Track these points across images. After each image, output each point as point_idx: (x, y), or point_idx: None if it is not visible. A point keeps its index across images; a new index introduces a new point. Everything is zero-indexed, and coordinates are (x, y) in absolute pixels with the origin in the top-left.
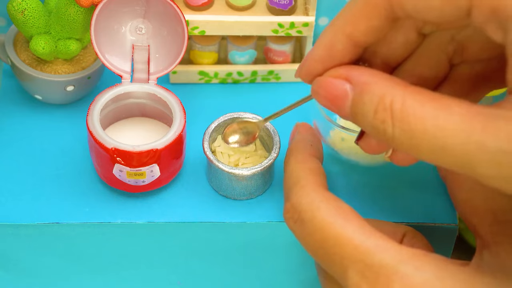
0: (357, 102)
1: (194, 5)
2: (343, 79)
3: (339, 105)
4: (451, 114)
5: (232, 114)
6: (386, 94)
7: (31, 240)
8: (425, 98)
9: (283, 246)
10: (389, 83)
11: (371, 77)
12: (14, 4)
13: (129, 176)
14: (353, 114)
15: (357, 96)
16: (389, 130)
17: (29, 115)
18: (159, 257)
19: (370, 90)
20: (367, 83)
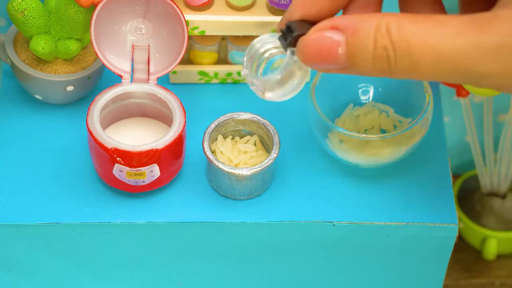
0: (353, 42)
1: (194, 5)
2: (329, 29)
3: (332, 57)
4: (445, 26)
5: (232, 114)
6: (380, 22)
7: (31, 240)
8: (418, 18)
9: (283, 246)
10: (378, 14)
11: (358, 16)
12: (14, 4)
13: (129, 176)
14: (350, 56)
15: (350, 37)
16: (391, 54)
17: (29, 115)
18: (159, 257)
19: (364, 25)
20: (357, 21)
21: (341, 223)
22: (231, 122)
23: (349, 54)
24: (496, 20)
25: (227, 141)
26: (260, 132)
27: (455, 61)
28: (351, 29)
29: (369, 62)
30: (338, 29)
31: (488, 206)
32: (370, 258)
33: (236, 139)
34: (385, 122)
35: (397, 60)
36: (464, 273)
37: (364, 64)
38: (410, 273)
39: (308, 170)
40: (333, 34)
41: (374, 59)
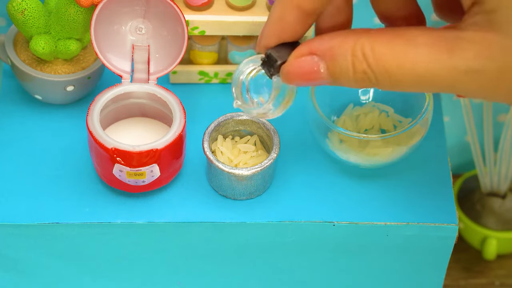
0: (333, 68)
1: (194, 5)
2: (307, 55)
3: (316, 77)
4: (417, 46)
5: (232, 114)
6: (354, 47)
7: (31, 240)
8: (389, 37)
9: (283, 246)
10: (351, 37)
11: (333, 41)
12: (14, 4)
13: (129, 176)
14: (333, 77)
15: (330, 63)
16: (372, 76)
17: (29, 115)
18: (159, 257)
19: (340, 52)
20: (332, 48)
21: (341, 223)
22: (231, 122)
23: (332, 75)
24: (464, 42)
25: (227, 141)
26: (260, 132)
27: (434, 81)
28: (328, 55)
29: (352, 83)
30: (316, 54)
31: (488, 206)
32: (370, 258)
33: (236, 139)
34: (385, 122)
35: (379, 80)
36: (464, 273)
37: (347, 84)
38: (410, 273)
39: (308, 170)
40: (312, 58)
41: (356, 81)
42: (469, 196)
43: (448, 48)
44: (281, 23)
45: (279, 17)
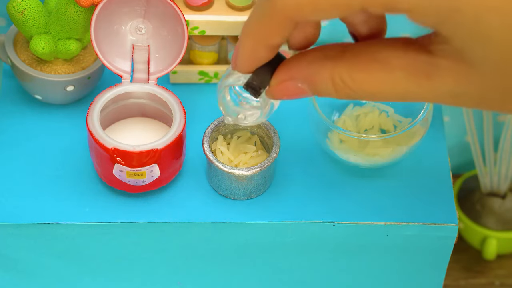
0: (316, 91)
1: (194, 5)
2: (288, 80)
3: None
4: (394, 72)
5: None
6: (333, 76)
7: (31, 240)
8: (365, 63)
9: (283, 246)
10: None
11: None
12: (14, 4)
13: (129, 176)
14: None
15: (312, 87)
16: (356, 96)
17: (29, 115)
18: (159, 257)
19: (319, 79)
20: (311, 75)
21: (341, 223)
22: None
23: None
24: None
25: (227, 141)
26: (260, 132)
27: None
28: (309, 81)
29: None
30: (297, 80)
31: (488, 206)
32: (370, 258)
33: (236, 139)
34: (385, 122)
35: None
36: (464, 273)
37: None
38: (410, 273)
39: (308, 170)
40: (294, 83)
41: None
42: (469, 196)
43: (426, 73)
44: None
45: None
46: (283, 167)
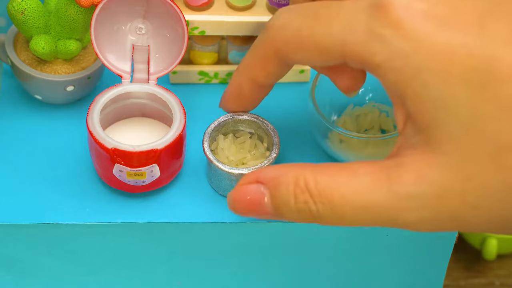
0: (275, 196)
1: (194, 5)
2: (254, 183)
3: (260, 207)
4: (359, 176)
5: (232, 114)
6: (298, 178)
7: (31, 240)
8: (332, 170)
9: (283, 246)
10: (297, 169)
11: (279, 170)
12: (14, 4)
13: (129, 176)
14: (275, 208)
15: (273, 191)
16: (313, 208)
17: (29, 115)
18: (159, 257)
19: (283, 180)
20: (277, 177)
21: None
22: (231, 122)
23: (273, 205)
24: (402, 169)
25: (227, 141)
26: (260, 132)
27: (376, 211)
28: (272, 183)
29: (294, 214)
30: (262, 183)
31: None
32: (370, 258)
33: (236, 139)
34: (385, 122)
35: (320, 212)
36: (464, 273)
37: (290, 215)
38: (410, 273)
39: None
40: (257, 187)
41: (298, 211)
42: None
43: (388, 175)
44: (239, 91)
45: (237, 86)
46: None
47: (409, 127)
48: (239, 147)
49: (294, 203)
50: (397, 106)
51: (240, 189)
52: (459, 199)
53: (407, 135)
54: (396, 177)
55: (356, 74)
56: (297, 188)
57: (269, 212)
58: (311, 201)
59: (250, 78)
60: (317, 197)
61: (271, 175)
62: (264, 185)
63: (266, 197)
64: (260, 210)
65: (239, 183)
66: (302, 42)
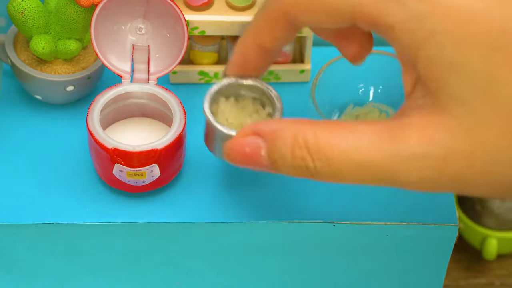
0: (273, 150)
1: (194, 5)
2: (251, 135)
3: (256, 160)
4: (360, 134)
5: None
6: (297, 133)
7: (31, 240)
8: (333, 127)
9: (283, 246)
10: (296, 124)
11: (278, 124)
12: (14, 4)
13: (129, 176)
14: (272, 162)
15: (270, 145)
16: (311, 165)
17: (29, 115)
18: (159, 257)
19: (282, 135)
20: (276, 130)
21: (341, 223)
22: (234, 85)
23: (270, 159)
24: (408, 129)
25: (229, 104)
26: (263, 98)
27: (375, 170)
28: (270, 137)
29: (290, 169)
30: (260, 135)
31: (488, 206)
32: (370, 258)
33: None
34: None
35: (318, 169)
36: (464, 273)
37: (286, 170)
38: (410, 273)
39: None
40: (255, 139)
41: (294, 167)
42: (469, 196)
43: (392, 135)
44: (244, 57)
45: (243, 52)
46: None
47: (418, 90)
48: (240, 110)
49: (291, 158)
50: (407, 69)
51: (237, 140)
52: (466, 163)
53: (415, 97)
54: (400, 137)
55: (363, 41)
56: (295, 143)
57: (265, 165)
58: (308, 158)
59: (257, 43)
60: (315, 153)
61: (270, 128)
62: (262, 138)
63: (263, 150)
64: (256, 162)
65: (237, 135)
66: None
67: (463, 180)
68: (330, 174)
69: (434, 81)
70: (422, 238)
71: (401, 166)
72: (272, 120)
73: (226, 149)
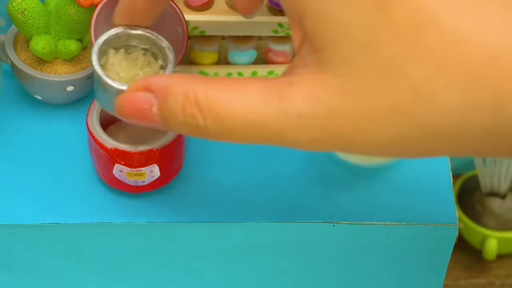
0: (163, 107)
1: (194, 5)
2: (142, 90)
3: (147, 116)
4: (250, 93)
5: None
6: (188, 90)
7: (31, 240)
8: (224, 84)
9: (283, 246)
10: (188, 80)
11: (169, 80)
12: (14, 4)
13: (129, 176)
14: (163, 119)
15: (161, 101)
16: (201, 123)
17: (29, 115)
18: (159, 257)
19: (172, 91)
20: (167, 86)
21: (341, 223)
22: (123, 36)
23: (161, 115)
24: (294, 88)
25: (118, 56)
26: (154, 49)
27: (265, 129)
28: (162, 93)
29: (181, 127)
30: (151, 91)
31: (488, 206)
32: (370, 258)
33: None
34: None
35: (208, 127)
36: (464, 273)
37: (177, 127)
38: (410, 273)
39: (307, 170)
40: (146, 95)
41: (185, 124)
42: (469, 196)
43: (279, 93)
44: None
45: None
46: (282, 167)
47: (305, 47)
48: (131, 63)
49: (182, 115)
50: (294, 25)
51: (128, 95)
52: (346, 121)
53: (302, 54)
54: (287, 96)
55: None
56: (186, 100)
57: (157, 122)
58: (199, 116)
59: None
60: (206, 111)
61: (161, 83)
62: (154, 93)
63: (155, 106)
64: (148, 119)
65: (128, 89)
66: None
67: (346, 139)
68: (220, 132)
69: (320, 38)
70: (422, 238)
71: (290, 124)
72: (163, 75)
73: (117, 105)
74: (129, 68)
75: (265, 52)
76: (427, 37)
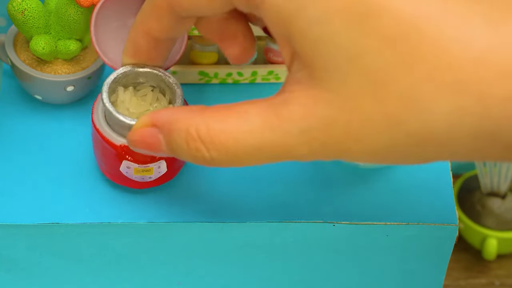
0: (170, 142)
1: None
2: (150, 126)
3: (157, 148)
4: (250, 118)
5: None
6: (189, 126)
7: (31, 240)
8: (223, 114)
9: (283, 246)
10: (190, 115)
11: (173, 115)
12: (14, 4)
13: (137, 172)
14: (172, 151)
15: (167, 137)
16: (206, 155)
17: (29, 115)
18: (159, 257)
19: (175, 128)
20: (170, 122)
21: (341, 223)
22: (131, 74)
23: (170, 150)
24: (290, 105)
25: (128, 93)
26: (162, 85)
27: (269, 150)
28: (166, 129)
29: (189, 158)
30: (157, 126)
31: (488, 206)
32: (370, 258)
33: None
34: None
35: (214, 157)
36: (464, 273)
37: (185, 158)
38: (410, 273)
39: (307, 170)
40: (153, 131)
41: (192, 157)
42: (469, 196)
43: (276, 113)
44: (134, 45)
45: (133, 39)
46: (282, 167)
47: (295, 63)
48: (141, 100)
49: (187, 149)
50: (283, 44)
51: (137, 131)
52: (342, 132)
53: (293, 71)
54: (285, 114)
55: (245, 43)
56: (188, 136)
57: (167, 153)
58: (203, 149)
59: (144, 30)
60: (209, 144)
61: (165, 119)
62: (159, 129)
63: (162, 141)
64: (158, 150)
65: (136, 125)
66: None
67: (344, 149)
68: (227, 161)
69: (308, 55)
70: (422, 238)
71: (292, 141)
72: (168, 110)
73: (129, 140)
74: (139, 104)
75: (265, 52)
76: (413, 45)
